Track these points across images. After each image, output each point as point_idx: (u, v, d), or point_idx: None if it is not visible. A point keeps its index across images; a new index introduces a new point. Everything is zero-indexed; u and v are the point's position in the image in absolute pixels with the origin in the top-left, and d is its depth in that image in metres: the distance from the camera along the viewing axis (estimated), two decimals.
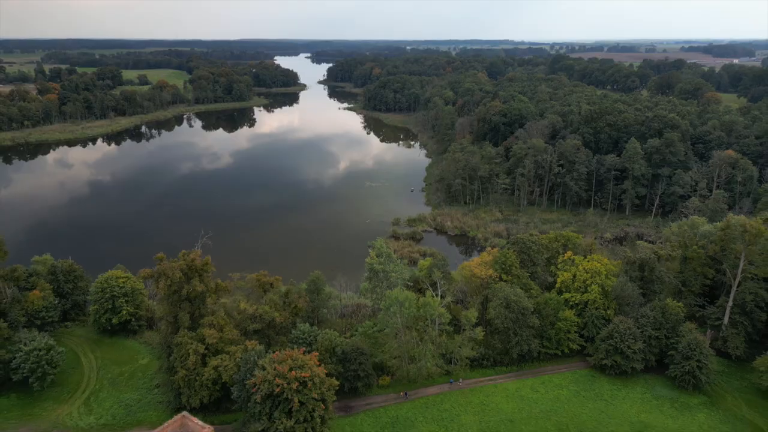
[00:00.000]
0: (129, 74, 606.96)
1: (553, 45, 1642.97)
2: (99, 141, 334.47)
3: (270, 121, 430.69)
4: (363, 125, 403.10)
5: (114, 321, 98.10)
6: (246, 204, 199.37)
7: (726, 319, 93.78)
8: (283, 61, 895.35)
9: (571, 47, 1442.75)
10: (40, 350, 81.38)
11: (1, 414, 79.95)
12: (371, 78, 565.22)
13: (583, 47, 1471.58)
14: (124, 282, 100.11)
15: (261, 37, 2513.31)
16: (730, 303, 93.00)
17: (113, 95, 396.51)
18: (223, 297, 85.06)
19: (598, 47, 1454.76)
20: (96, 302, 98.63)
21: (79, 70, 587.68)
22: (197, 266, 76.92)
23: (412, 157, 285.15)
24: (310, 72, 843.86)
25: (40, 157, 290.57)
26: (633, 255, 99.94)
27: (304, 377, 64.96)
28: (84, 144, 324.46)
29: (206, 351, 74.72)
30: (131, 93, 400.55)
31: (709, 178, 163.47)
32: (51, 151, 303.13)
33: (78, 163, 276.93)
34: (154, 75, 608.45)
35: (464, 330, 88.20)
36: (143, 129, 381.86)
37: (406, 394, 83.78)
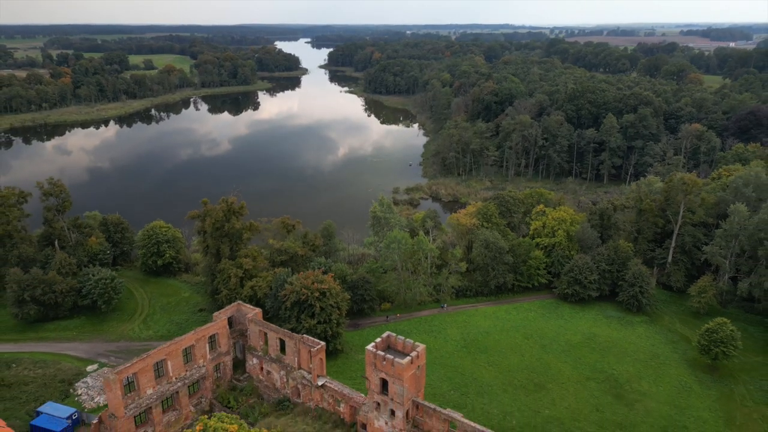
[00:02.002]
0: (134, 59, 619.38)
1: (552, 29, 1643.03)
2: (111, 123, 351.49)
3: (274, 105, 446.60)
4: (364, 107, 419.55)
5: (159, 263, 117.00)
6: (257, 174, 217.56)
7: (670, 258, 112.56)
8: (284, 47, 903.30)
9: (570, 31, 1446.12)
10: (106, 279, 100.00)
11: (77, 329, 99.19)
12: (371, 62, 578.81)
13: (583, 31, 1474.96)
14: (166, 231, 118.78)
15: (260, 22, 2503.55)
16: (673, 244, 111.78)
17: (124, 79, 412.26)
18: (254, 236, 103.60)
19: (597, 31, 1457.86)
20: (143, 247, 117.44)
21: (86, 55, 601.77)
22: (235, 209, 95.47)
23: (410, 137, 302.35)
24: (310, 57, 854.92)
25: (62, 137, 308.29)
26: (594, 206, 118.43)
27: (323, 288, 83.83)
28: (97, 126, 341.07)
29: (243, 275, 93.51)
30: (141, 77, 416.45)
31: (677, 148, 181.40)
32: (67, 132, 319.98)
33: (97, 143, 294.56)
34: (159, 60, 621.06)
35: (450, 265, 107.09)
36: (152, 112, 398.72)
37: (388, 317, 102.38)
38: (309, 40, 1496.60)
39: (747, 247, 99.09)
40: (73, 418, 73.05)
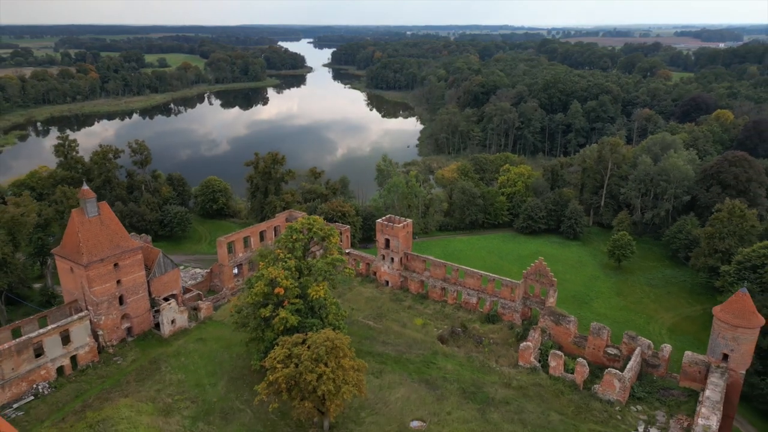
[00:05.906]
0: (148, 57, 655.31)
1: (550, 30, 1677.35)
2: (135, 114, 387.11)
3: (281, 101, 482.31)
4: (366, 102, 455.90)
5: (214, 207, 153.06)
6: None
7: (602, 202, 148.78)
8: (287, 47, 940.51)
9: (567, 32, 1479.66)
10: (181, 212, 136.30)
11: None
12: (373, 61, 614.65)
13: (580, 32, 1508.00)
14: (218, 183, 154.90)
15: (262, 23, 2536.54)
16: (604, 192, 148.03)
17: (146, 74, 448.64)
18: (291, 179, 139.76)
19: (594, 32, 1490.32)
20: (201, 194, 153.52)
21: (102, 54, 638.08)
22: (278, 159, 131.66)
23: (410, 136, 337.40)
24: (313, 56, 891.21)
25: (94, 125, 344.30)
26: (546, 164, 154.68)
27: (344, 210, 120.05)
28: (122, 117, 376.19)
29: (285, 206, 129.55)
30: (161, 73, 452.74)
31: (630, 129, 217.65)
32: (96, 122, 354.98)
33: (135, 130, 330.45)
34: (171, 58, 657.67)
35: (435, 204, 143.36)
36: (171, 105, 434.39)
37: None
38: (311, 40, 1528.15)
39: (651, 188, 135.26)
40: None
